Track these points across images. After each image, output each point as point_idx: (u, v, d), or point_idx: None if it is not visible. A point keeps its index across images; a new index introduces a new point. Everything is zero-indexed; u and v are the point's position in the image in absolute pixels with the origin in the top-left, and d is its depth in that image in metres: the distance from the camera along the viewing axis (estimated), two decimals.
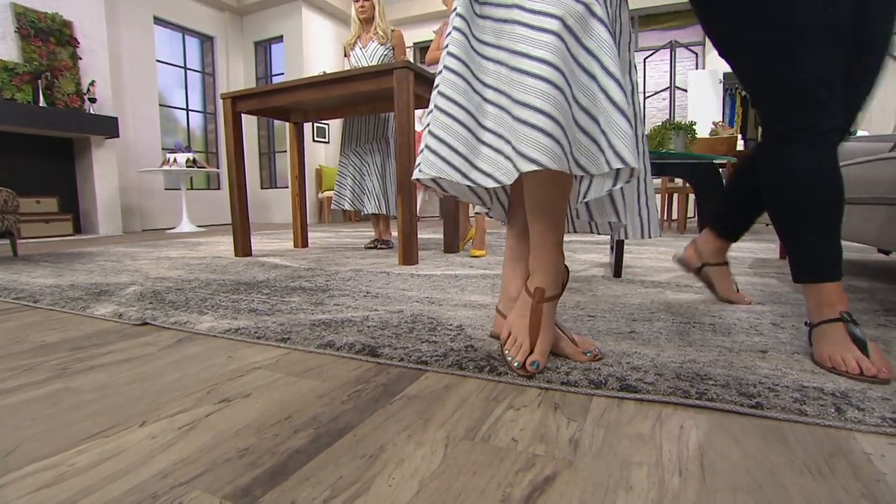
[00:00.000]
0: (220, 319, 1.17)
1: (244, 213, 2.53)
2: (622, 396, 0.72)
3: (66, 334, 1.12)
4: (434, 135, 0.79)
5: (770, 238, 3.30)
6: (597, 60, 0.70)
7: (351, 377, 0.82)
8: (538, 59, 0.68)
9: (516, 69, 0.70)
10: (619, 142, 0.70)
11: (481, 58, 0.79)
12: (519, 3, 0.72)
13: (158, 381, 0.81)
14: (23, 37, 4.13)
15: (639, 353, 0.88)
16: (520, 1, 0.72)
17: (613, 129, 0.70)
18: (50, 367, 0.89)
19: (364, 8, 2.77)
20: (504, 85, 0.75)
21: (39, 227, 4.26)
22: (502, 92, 0.75)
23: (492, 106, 0.77)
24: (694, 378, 0.76)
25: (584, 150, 0.72)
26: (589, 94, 0.72)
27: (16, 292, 1.58)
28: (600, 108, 0.71)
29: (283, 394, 0.75)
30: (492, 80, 0.77)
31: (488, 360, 0.85)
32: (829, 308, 0.84)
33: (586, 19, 0.71)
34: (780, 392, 0.70)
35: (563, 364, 0.83)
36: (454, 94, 0.78)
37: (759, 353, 0.88)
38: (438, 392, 0.75)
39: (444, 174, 0.77)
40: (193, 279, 1.79)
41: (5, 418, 0.68)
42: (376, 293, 1.46)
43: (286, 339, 0.99)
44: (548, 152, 0.67)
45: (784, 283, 1.59)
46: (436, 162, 0.78)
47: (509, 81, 0.72)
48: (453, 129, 0.78)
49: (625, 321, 1.11)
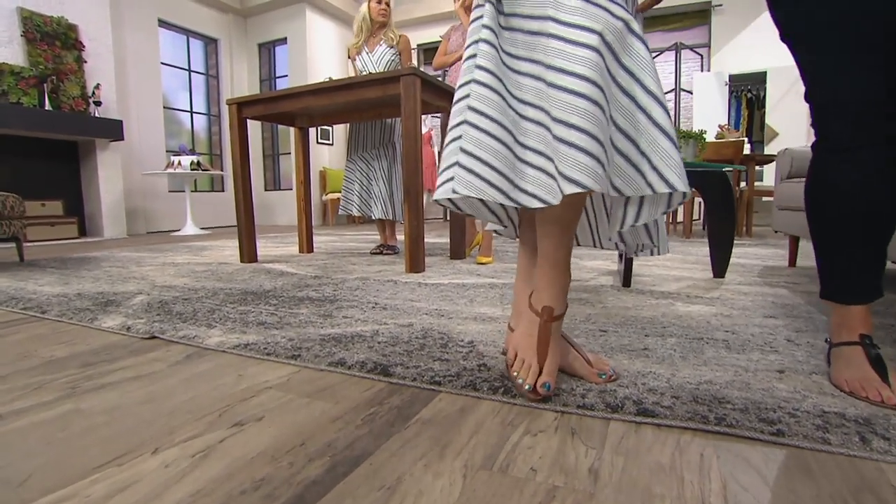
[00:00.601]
0: (228, 334, 1.16)
1: (250, 219, 2.52)
2: (640, 421, 0.71)
3: (74, 348, 1.11)
4: (468, 152, 0.74)
5: (777, 244, 3.28)
6: (636, 80, 0.69)
7: (364, 398, 0.81)
8: (577, 74, 0.66)
9: (554, 85, 0.68)
10: (663, 165, 0.68)
11: (514, 73, 0.76)
12: (553, 15, 0.70)
13: (169, 402, 0.80)
14: (28, 41, 4.13)
15: (654, 373, 0.87)
16: (554, 13, 0.70)
17: (658, 151, 0.69)
18: (59, 386, 0.88)
19: (384, 11, 2.74)
20: (543, 101, 0.72)
21: (45, 231, 4.27)
22: (541, 108, 0.72)
23: (531, 123, 0.74)
24: (711, 401, 0.75)
25: (619, 171, 0.71)
26: (627, 115, 0.70)
27: (23, 302, 1.58)
28: (641, 130, 0.69)
29: (296, 417, 0.75)
30: (530, 96, 0.74)
31: (502, 381, 0.84)
32: (849, 330, 0.82)
33: (625, 36, 0.69)
34: (801, 418, 0.69)
35: (579, 385, 0.82)
36: (488, 108, 0.74)
37: (777, 372, 0.87)
38: (453, 416, 0.75)
39: (484, 195, 0.73)
40: (200, 288, 1.79)
41: (17, 443, 0.67)
42: (385, 304, 1.45)
43: (297, 357, 0.99)
44: (590, 173, 0.65)
45: (795, 293, 1.57)
46: (473, 181, 0.74)
47: (547, 98, 0.70)
48: (490, 146, 0.74)
49: (637, 336, 1.10)
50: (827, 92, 0.80)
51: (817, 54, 0.80)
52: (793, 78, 5.32)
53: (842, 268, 0.84)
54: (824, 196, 0.84)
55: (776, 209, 2.18)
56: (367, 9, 2.74)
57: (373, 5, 2.74)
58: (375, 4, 2.73)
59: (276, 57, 6.79)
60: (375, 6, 2.73)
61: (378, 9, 2.73)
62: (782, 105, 5.36)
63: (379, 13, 2.73)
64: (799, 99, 5.31)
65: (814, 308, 1.36)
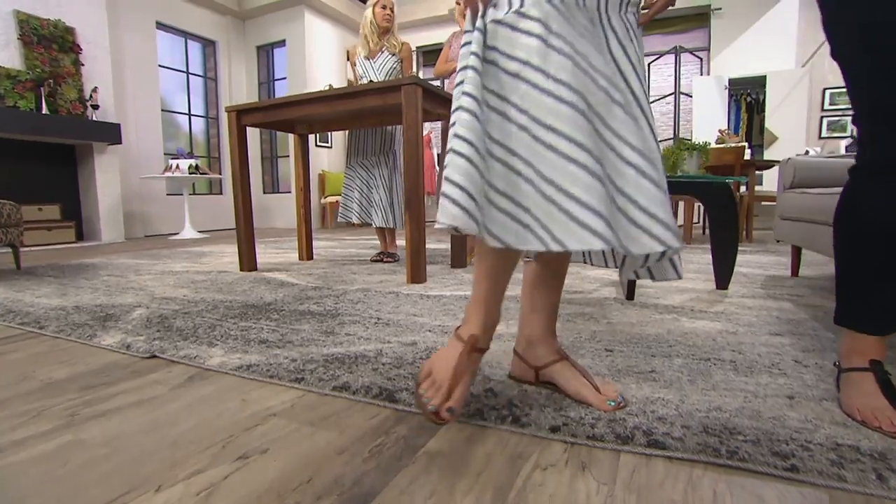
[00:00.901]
0: (230, 353, 1.14)
1: (249, 228, 2.51)
2: (650, 454, 0.70)
3: (73, 369, 1.10)
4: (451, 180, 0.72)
5: (778, 250, 3.27)
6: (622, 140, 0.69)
7: (370, 427, 0.80)
8: (572, 140, 0.65)
9: (547, 145, 0.67)
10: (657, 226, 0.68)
11: (488, 108, 0.73)
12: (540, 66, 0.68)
13: (172, 431, 0.79)
14: (25, 44, 4.10)
15: (662, 399, 0.86)
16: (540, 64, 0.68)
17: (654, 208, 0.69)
18: (59, 413, 0.86)
19: (389, 17, 2.73)
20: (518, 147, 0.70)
21: (42, 235, 4.24)
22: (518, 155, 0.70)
23: (497, 162, 0.71)
24: (722, 432, 0.74)
25: (623, 229, 0.69)
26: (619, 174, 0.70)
27: (21, 316, 1.56)
28: (641, 188, 0.68)
29: (301, 448, 0.73)
30: (497, 133, 0.72)
31: (510, 408, 0.83)
32: (860, 356, 0.81)
33: (610, 107, 0.70)
34: (815, 451, 0.68)
35: (588, 414, 0.81)
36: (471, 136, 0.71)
37: (786, 398, 0.86)
38: (461, 447, 0.73)
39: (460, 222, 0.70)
40: (200, 300, 1.77)
41: (15, 480, 0.66)
42: (387, 320, 1.44)
43: (300, 380, 0.97)
44: (595, 242, 0.64)
45: (799, 307, 1.56)
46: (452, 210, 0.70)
47: (535, 154, 0.68)
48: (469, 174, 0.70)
49: (643, 357, 1.09)
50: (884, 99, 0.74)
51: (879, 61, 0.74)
52: (792, 82, 5.32)
53: (864, 296, 0.82)
54: (856, 223, 0.82)
55: (778, 218, 2.18)
56: (372, 14, 2.72)
57: (377, 10, 2.72)
58: (380, 10, 2.71)
59: (275, 59, 6.76)
60: (380, 11, 2.71)
61: (383, 14, 2.71)
62: (781, 109, 5.36)
63: (384, 18, 2.72)
64: (798, 103, 5.32)
65: (819, 325, 1.36)
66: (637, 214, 0.68)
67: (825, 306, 1.57)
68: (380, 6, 2.72)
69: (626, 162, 0.68)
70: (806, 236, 1.83)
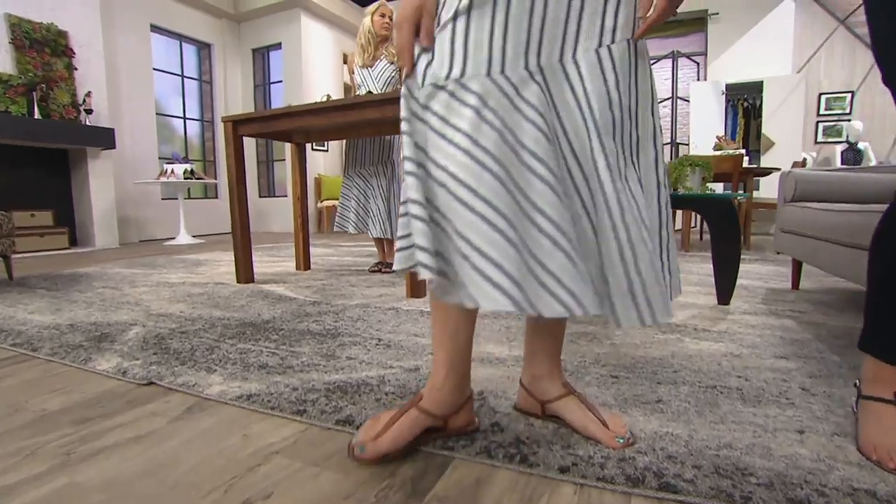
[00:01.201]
0: (229, 381, 1.12)
1: (246, 240, 2.48)
2: (662, 497, 0.69)
3: (68, 398, 1.07)
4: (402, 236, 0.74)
5: (777, 259, 3.28)
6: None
7: (375, 468, 0.78)
8: (489, 203, 0.66)
9: (464, 203, 0.66)
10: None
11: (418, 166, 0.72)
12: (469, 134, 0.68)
13: (172, 473, 0.77)
14: (17, 48, 4.05)
15: (671, 434, 0.85)
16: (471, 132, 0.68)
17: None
18: (53, 451, 0.84)
19: (388, 25, 2.70)
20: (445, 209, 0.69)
21: (34, 241, 4.18)
22: (440, 211, 0.69)
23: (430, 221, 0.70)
24: (734, 473, 0.73)
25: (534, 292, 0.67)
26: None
27: (13, 335, 1.53)
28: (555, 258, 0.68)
29: (305, 492, 0.71)
30: (453, 167, 0.69)
31: (517, 446, 0.82)
32: (884, 385, 0.79)
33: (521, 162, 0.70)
34: (830, 497, 0.67)
35: (597, 452, 0.79)
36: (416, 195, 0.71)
37: (797, 433, 0.85)
38: (470, 490, 0.72)
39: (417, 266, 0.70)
40: (197, 317, 1.74)
41: None
42: (388, 341, 1.42)
43: (302, 412, 0.95)
44: (503, 302, 0.64)
45: (802, 325, 1.56)
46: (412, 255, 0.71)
47: (452, 210, 0.68)
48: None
49: (649, 384, 1.08)
50: None
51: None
52: (788, 87, 5.35)
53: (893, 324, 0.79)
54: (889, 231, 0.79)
55: (779, 231, 2.18)
56: (371, 22, 2.70)
57: (376, 18, 2.69)
58: (378, 18, 2.69)
59: (271, 62, 6.72)
60: (378, 20, 2.69)
61: (381, 22, 2.69)
62: (778, 114, 5.38)
63: (382, 27, 2.69)
64: (794, 108, 5.34)
65: (823, 345, 1.35)
66: (547, 279, 0.67)
67: (828, 324, 1.57)
68: (378, 14, 2.70)
69: (542, 232, 0.68)
70: (808, 251, 1.82)
